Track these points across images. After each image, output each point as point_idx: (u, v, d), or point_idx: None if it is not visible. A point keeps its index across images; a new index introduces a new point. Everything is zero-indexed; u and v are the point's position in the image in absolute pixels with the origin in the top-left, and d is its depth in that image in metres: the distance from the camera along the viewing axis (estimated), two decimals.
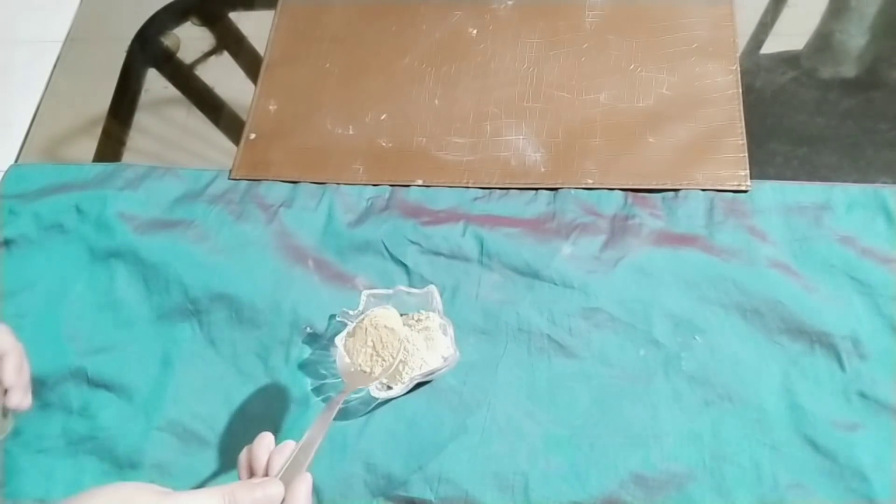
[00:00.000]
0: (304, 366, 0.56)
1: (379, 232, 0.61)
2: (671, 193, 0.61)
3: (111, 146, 0.71)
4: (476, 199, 0.62)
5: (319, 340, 0.57)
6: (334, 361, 0.56)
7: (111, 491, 0.38)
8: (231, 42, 0.77)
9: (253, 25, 0.77)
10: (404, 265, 0.59)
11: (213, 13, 0.79)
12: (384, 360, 0.52)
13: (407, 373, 0.52)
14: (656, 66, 0.66)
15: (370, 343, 0.52)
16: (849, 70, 0.67)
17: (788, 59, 0.68)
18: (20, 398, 0.48)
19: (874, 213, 0.58)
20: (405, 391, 0.53)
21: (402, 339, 0.52)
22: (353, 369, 0.51)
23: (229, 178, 0.66)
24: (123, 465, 0.54)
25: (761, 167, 0.61)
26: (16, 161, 0.71)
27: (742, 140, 0.62)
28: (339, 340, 0.53)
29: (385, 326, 0.52)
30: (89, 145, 0.71)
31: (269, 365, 0.57)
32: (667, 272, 0.57)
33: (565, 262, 0.58)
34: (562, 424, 0.52)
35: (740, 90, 0.64)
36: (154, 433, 0.54)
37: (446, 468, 0.51)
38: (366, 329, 0.52)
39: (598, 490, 0.50)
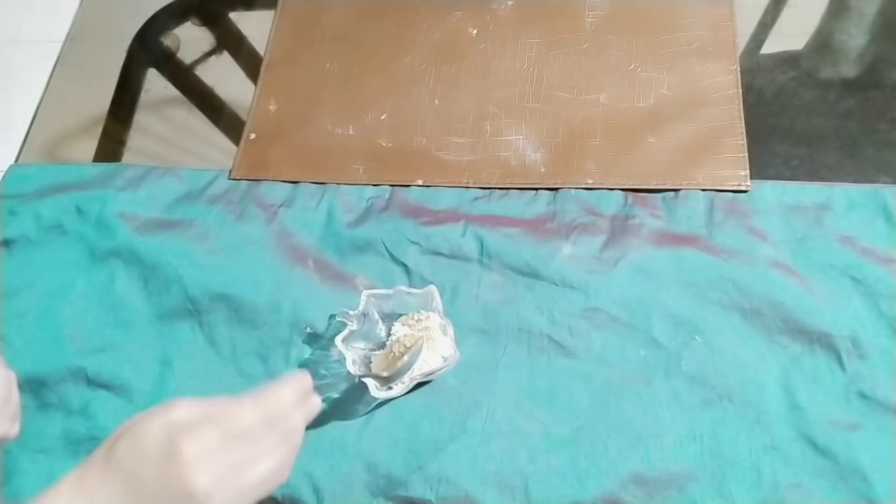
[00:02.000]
0: (304, 366, 0.56)
1: (379, 232, 0.61)
2: (671, 193, 0.61)
3: (111, 146, 0.71)
4: (476, 199, 0.62)
5: (319, 340, 0.57)
6: (335, 361, 0.56)
7: (160, 416, 0.36)
8: (231, 42, 0.77)
9: (253, 25, 0.77)
10: (404, 265, 0.59)
11: (213, 13, 0.79)
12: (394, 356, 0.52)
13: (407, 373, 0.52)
14: (656, 66, 0.66)
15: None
16: (849, 70, 0.67)
17: (788, 59, 0.68)
18: (6, 428, 0.46)
19: (874, 213, 0.58)
20: (405, 391, 0.53)
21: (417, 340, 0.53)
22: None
23: (229, 178, 0.66)
24: None
25: (761, 167, 0.61)
26: (16, 161, 0.71)
27: (742, 140, 0.62)
28: (339, 340, 0.53)
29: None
30: (89, 145, 0.71)
31: (269, 365, 0.57)
32: (667, 272, 0.57)
33: (565, 262, 0.58)
34: (562, 424, 0.52)
35: (740, 90, 0.64)
36: None
37: (446, 468, 0.51)
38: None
39: (598, 490, 0.50)
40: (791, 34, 0.70)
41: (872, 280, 0.55)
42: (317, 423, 0.54)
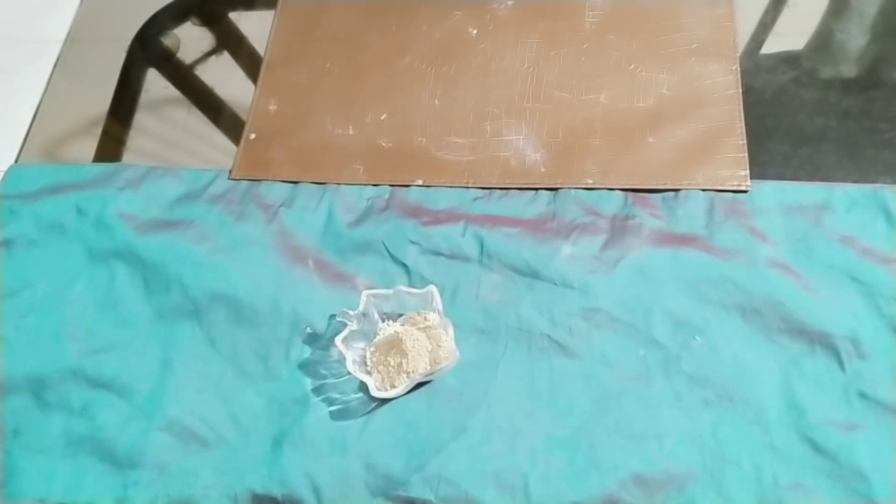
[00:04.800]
0: (304, 366, 0.56)
1: (379, 232, 0.61)
2: (671, 193, 0.61)
3: (111, 146, 0.71)
4: (476, 199, 0.62)
5: (319, 340, 0.57)
6: (335, 361, 0.56)
7: None
8: (231, 42, 0.77)
9: (253, 25, 0.77)
10: (404, 265, 0.59)
11: (213, 13, 0.79)
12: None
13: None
14: (656, 66, 0.66)
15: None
16: (849, 70, 0.67)
17: (788, 59, 0.68)
18: None
19: (874, 213, 0.58)
20: (405, 391, 0.53)
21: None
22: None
23: (229, 178, 0.66)
24: (123, 465, 0.54)
25: (761, 167, 0.61)
26: (16, 161, 0.71)
27: (742, 140, 0.62)
28: (339, 340, 0.53)
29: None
30: (89, 145, 0.71)
31: (269, 365, 0.57)
32: (667, 272, 0.57)
33: (565, 262, 0.58)
34: (562, 424, 0.52)
35: (740, 90, 0.64)
36: (154, 433, 0.54)
37: (446, 468, 0.51)
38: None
39: (598, 490, 0.50)
40: (791, 34, 0.70)
41: (872, 280, 0.55)
42: (317, 423, 0.54)
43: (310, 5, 0.75)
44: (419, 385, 0.54)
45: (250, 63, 0.74)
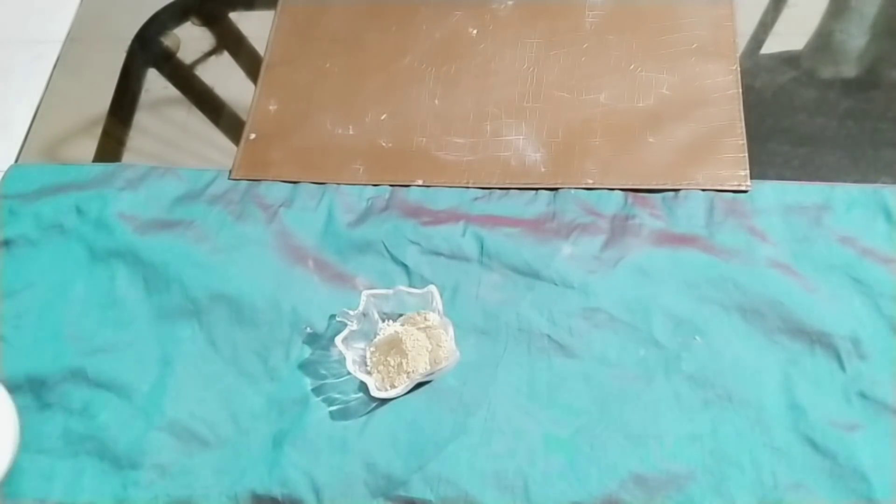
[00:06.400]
0: (304, 366, 0.56)
1: (379, 232, 0.61)
2: (671, 193, 0.61)
3: (111, 146, 0.71)
4: (476, 199, 0.62)
5: (319, 340, 0.57)
6: (335, 361, 0.56)
7: None
8: (231, 42, 0.77)
9: (253, 25, 0.77)
10: (404, 265, 0.59)
11: (213, 13, 0.79)
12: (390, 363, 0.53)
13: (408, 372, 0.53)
14: (656, 66, 0.66)
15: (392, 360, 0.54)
16: (849, 70, 0.67)
17: (788, 59, 0.68)
18: None
19: (874, 213, 0.58)
20: (405, 391, 0.53)
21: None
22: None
23: (229, 179, 0.66)
24: (123, 466, 0.54)
25: (761, 167, 0.61)
26: (16, 161, 0.71)
27: (742, 140, 0.62)
28: (339, 340, 0.53)
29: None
30: (89, 145, 0.71)
31: (269, 365, 0.57)
32: (667, 272, 0.57)
33: (565, 262, 0.58)
34: (562, 424, 0.52)
35: (740, 90, 0.64)
36: (154, 433, 0.54)
37: (446, 468, 0.51)
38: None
39: (598, 490, 0.50)
40: (791, 34, 0.70)
41: (872, 280, 0.55)
42: (317, 423, 0.54)
43: (310, 5, 0.75)
44: (419, 385, 0.54)
45: (250, 63, 0.74)
